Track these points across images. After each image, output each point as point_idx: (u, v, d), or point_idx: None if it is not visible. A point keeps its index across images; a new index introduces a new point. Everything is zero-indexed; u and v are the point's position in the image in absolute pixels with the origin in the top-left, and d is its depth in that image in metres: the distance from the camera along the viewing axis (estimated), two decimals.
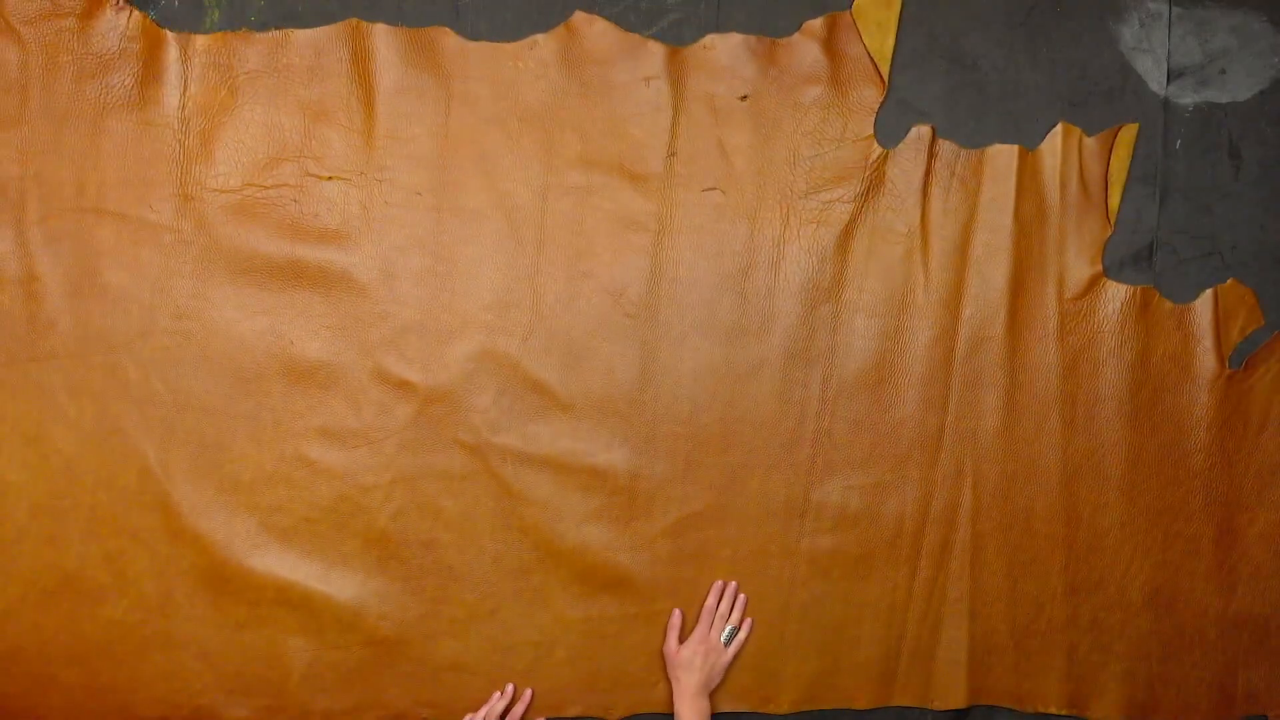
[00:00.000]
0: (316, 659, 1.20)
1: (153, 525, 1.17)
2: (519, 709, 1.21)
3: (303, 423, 1.18)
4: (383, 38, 1.17)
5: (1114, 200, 1.27)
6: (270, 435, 1.18)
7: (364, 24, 1.17)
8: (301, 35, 1.16)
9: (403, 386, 1.19)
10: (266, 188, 1.17)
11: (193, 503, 1.17)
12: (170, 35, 1.15)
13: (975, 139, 1.26)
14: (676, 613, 1.23)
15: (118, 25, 1.14)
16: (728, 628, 1.23)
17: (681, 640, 1.23)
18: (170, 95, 1.15)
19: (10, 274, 1.15)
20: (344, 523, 1.19)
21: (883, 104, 1.24)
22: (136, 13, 1.14)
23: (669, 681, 1.23)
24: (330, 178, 1.17)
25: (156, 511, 1.17)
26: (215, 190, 1.16)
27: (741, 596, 1.24)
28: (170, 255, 1.16)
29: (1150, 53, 1.27)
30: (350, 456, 1.19)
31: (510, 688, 1.21)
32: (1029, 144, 1.26)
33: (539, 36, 1.19)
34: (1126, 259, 1.28)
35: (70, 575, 1.17)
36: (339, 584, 1.20)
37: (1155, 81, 1.28)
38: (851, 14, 1.23)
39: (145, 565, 1.17)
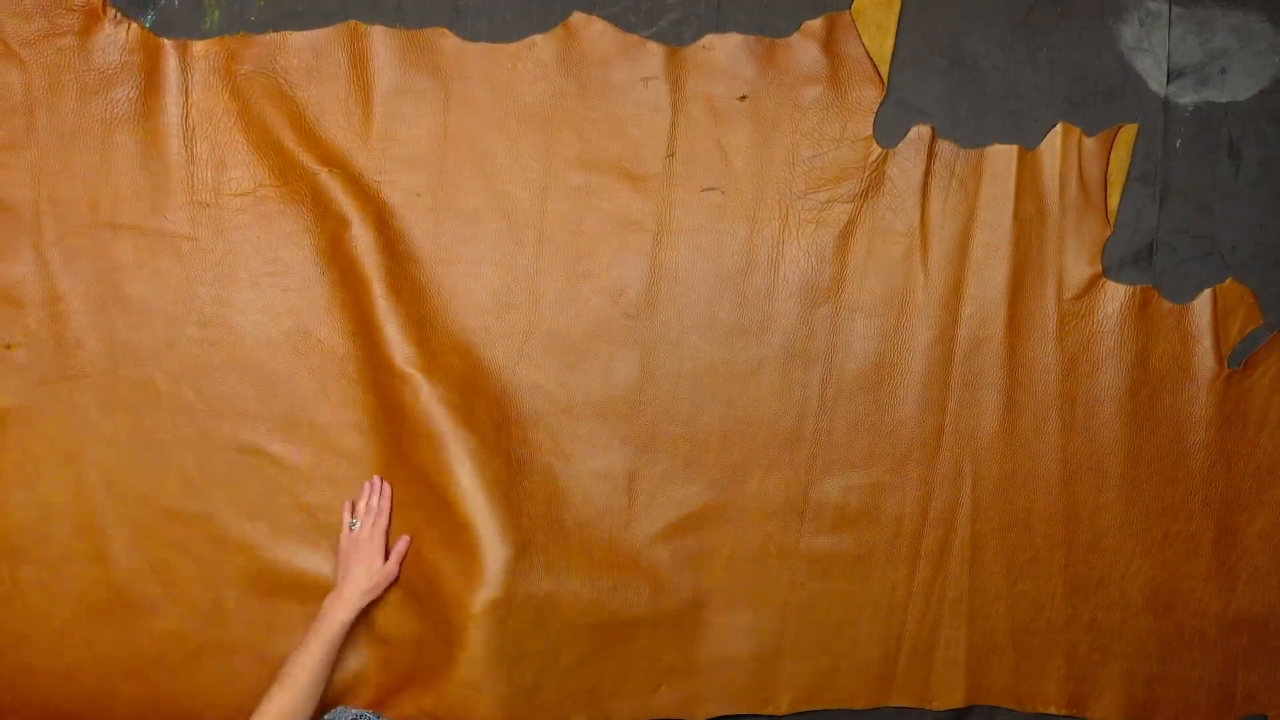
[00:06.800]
0: (371, 655, 1.19)
1: (196, 534, 1.17)
2: (385, 502, 1.17)
3: (338, 420, 1.18)
4: (381, 39, 1.17)
5: (1113, 200, 1.27)
6: (305, 434, 1.18)
7: (362, 26, 1.17)
8: (299, 38, 1.16)
9: (404, 387, 1.19)
10: (271, 188, 1.17)
11: (235, 508, 1.18)
12: (168, 44, 1.14)
13: (975, 139, 1.25)
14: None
15: (117, 39, 1.14)
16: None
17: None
18: (174, 104, 1.15)
19: (34, 296, 1.14)
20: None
21: (882, 104, 1.24)
22: (134, 25, 1.14)
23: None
24: (328, 173, 1.17)
25: (199, 520, 1.17)
26: (226, 195, 1.16)
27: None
28: (189, 263, 1.16)
29: (1150, 52, 1.27)
30: (373, 454, 1.19)
31: (377, 481, 1.18)
32: (1029, 144, 1.26)
33: (538, 37, 1.19)
34: (1126, 259, 1.28)
35: (120, 590, 1.16)
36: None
37: (1155, 81, 1.27)
38: (851, 14, 1.22)
39: (193, 574, 1.17)
